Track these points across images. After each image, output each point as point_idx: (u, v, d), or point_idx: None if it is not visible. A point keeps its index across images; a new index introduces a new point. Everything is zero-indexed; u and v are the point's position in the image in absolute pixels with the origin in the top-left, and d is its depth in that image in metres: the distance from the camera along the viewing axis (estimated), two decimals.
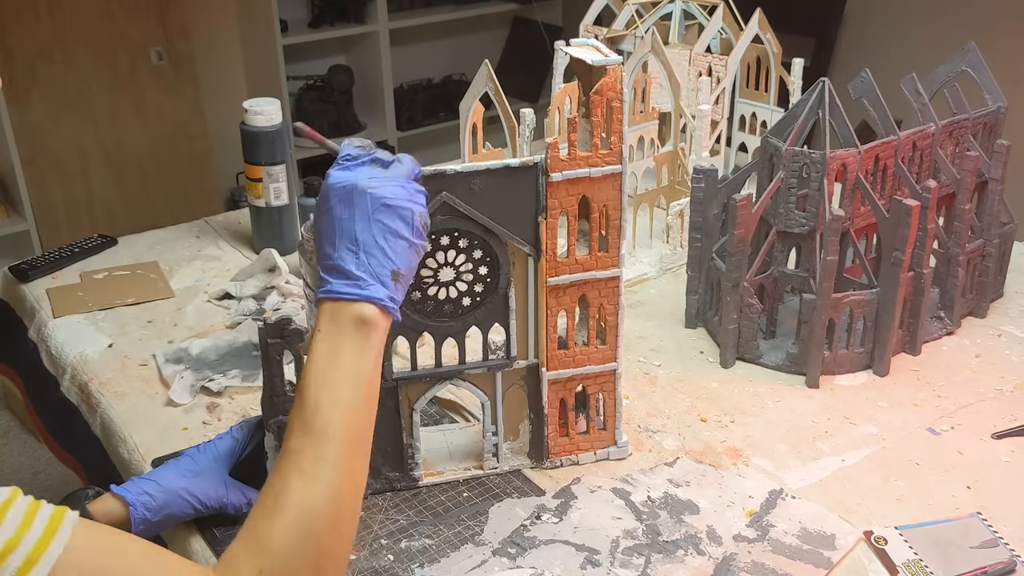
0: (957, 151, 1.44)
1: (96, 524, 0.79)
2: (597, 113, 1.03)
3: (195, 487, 1.02)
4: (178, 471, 1.04)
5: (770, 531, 1.05)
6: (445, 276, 1.06)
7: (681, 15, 1.94)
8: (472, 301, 1.08)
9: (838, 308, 1.30)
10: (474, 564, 1.01)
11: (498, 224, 1.04)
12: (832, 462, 1.17)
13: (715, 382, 1.34)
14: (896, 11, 3.24)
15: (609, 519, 1.07)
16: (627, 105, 1.04)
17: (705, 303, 1.46)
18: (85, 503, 0.99)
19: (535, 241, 1.06)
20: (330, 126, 3.72)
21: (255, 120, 1.63)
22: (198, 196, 3.41)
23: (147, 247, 1.78)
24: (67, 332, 1.49)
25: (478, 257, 1.06)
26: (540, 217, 1.05)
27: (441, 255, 1.05)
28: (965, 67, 1.46)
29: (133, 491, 1.00)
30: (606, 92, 1.02)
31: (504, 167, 1.03)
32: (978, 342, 1.43)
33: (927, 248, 1.32)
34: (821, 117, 1.31)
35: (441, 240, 1.04)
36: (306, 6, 3.73)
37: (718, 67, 1.77)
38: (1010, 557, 1.00)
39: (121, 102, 3.19)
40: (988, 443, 1.20)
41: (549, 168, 1.03)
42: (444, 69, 4.13)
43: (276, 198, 1.67)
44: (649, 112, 1.76)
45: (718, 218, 1.42)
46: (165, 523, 1.02)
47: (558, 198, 1.05)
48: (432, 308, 1.07)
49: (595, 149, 1.04)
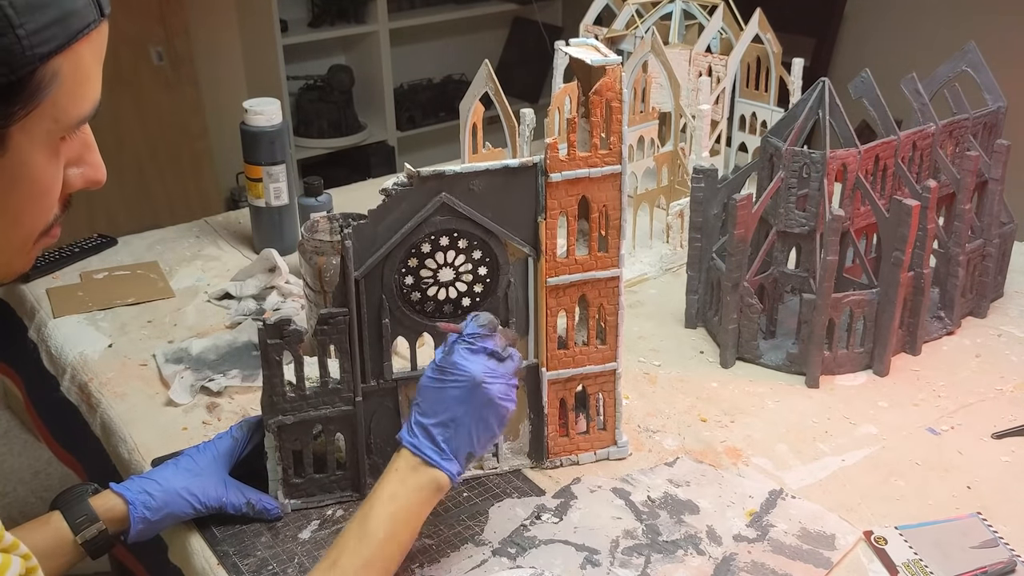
0: (957, 151, 1.44)
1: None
2: (596, 113, 1.03)
3: (195, 486, 1.03)
4: (178, 470, 1.04)
5: (770, 531, 1.05)
6: (444, 276, 1.06)
7: (681, 15, 1.94)
8: (472, 301, 1.08)
9: (838, 308, 1.29)
10: (474, 564, 1.01)
11: (497, 225, 1.05)
12: (832, 462, 1.17)
13: (715, 382, 1.34)
14: (896, 11, 3.24)
15: (609, 519, 1.07)
16: (627, 105, 1.04)
17: (705, 303, 1.46)
18: (87, 498, 0.99)
19: (535, 241, 1.06)
20: (330, 126, 3.72)
21: (255, 120, 1.63)
22: (198, 196, 3.41)
23: (147, 247, 1.78)
24: (67, 332, 1.49)
25: (477, 258, 1.06)
26: (540, 217, 1.05)
27: (440, 255, 1.05)
28: (965, 67, 1.46)
29: (133, 490, 1.01)
30: (605, 92, 1.02)
31: (503, 168, 1.03)
32: (978, 342, 1.43)
33: (927, 248, 1.32)
34: (821, 117, 1.31)
35: (440, 241, 1.04)
36: (306, 6, 3.73)
37: (718, 67, 1.77)
38: (1010, 557, 1.00)
39: (121, 102, 3.18)
40: (988, 443, 1.20)
41: (548, 168, 1.03)
42: (444, 69, 4.13)
43: (276, 198, 1.67)
44: (649, 112, 1.75)
45: (718, 218, 1.42)
46: (164, 522, 1.03)
47: (557, 198, 1.05)
48: (432, 308, 1.07)
49: (594, 149, 1.04)
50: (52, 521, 0.98)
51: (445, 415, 0.95)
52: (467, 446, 0.96)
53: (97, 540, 0.98)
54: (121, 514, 1.00)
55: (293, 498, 1.09)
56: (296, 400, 1.06)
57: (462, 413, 0.95)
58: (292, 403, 1.06)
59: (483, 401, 0.96)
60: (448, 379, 0.96)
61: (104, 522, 0.99)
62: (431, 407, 0.96)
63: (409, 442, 0.95)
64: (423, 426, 0.95)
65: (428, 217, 1.02)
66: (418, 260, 1.04)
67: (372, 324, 1.06)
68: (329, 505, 1.10)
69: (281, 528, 1.06)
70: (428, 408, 0.96)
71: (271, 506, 1.07)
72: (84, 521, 0.98)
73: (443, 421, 0.95)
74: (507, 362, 0.99)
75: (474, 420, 0.96)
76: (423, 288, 1.06)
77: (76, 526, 0.97)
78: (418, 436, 0.95)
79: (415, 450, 0.95)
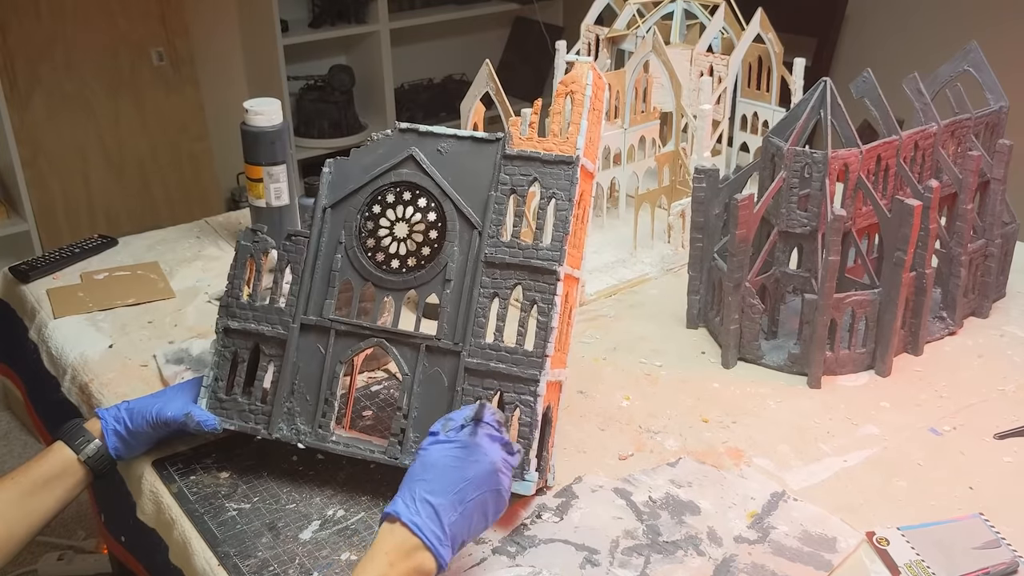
0: (959, 151, 1.44)
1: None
2: (558, 102, 1.08)
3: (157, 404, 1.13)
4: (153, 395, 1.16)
5: (771, 533, 1.04)
6: (399, 232, 1.10)
7: (682, 15, 1.94)
8: (416, 263, 1.10)
9: (840, 308, 1.29)
10: (474, 562, 1.00)
11: (454, 190, 1.09)
12: (834, 463, 1.16)
13: (717, 383, 1.34)
14: (898, 11, 3.24)
15: (610, 519, 1.07)
16: (628, 107, 1.05)
17: (707, 303, 1.46)
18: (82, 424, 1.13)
19: (483, 214, 1.08)
20: (331, 126, 3.72)
21: (255, 120, 1.63)
22: (198, 196, 3.41)
23: (147, 247, 1.77)
24: (67, 333, 1.48)
25: (432, 220, 1.09)
26: (491, 191, 1.08)
27: (400, 209, 1.10)
28: (967, 67, 1.46)
29: (111, 410, 1.14)
30: (569, 83, 1.08)
31: (470, 136, 1.11)
32: (980, 342, 1.42)
33: (929, 248, 1.32)
34: (823, 117, 1.31)
35: (404, 195, 1.10)
36: (306, 6, 3.73)
37: (719, 67, 1.77)
38: (1012, 558, 1.00)
39: (122, 102, 3.18)
40: (990, 443, 1.20)
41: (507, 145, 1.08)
42: (445, 69, 4.13)
43: (277, 198, 1.67)
44: (650, 112, 1.75)
45: (719, 218, 1.42)
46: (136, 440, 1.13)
47: (510, 175, 1.08)
48: (382, 259, 1.10)
49: (552, 136, 1.07)
50: (55, 448, 1.11)
51: (456, 496, 0.90)
52: (464, 535, 0.91)
53: (97, 456, 1.11)
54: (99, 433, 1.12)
55: (214, 411, 1.13)
56: (246, 308, 1.14)
57: (473, 497, 0.91)
58: (242, 309, 1.14)
59: (493, 488, 0.93)
60: (470, 459, 0.92)
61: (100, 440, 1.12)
62: (443, 485, 0.90)
63: (410, 520, 0.88)
64: (430, 504, 0.89)
65: (396, 166, 1.11)
66: (381, 208, 1.11)
67: (326, 257, 1.12)
68: (330, 506, 1.10)
69: (282, 529, 1.06)
70: (439, 486, 0.90)
71: (206, 419, 1.12)
72: (82, 442, 1.11)
73: (453, 502, 0.90)
74: (516, 456, 0.97)
75: (479, 508, 0.92)
76: (379, 236, 1.10)
77: (76, 447, 1.10)
78: (421, 515, 0.88)
79: (416, 530, 0.88)
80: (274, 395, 1.11)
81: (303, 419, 1.10)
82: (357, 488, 1.12)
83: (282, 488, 1.12)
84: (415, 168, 1.10)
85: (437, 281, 1.08)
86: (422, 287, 1.09)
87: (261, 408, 1.11)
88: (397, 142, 1.12)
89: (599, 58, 1.91)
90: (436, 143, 1.11)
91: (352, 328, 1.10)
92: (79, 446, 1.10)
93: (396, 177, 1.11)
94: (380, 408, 1.26)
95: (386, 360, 1.34)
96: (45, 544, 2.23)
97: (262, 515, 1.08)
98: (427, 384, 1.07)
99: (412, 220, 1.10)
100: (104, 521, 1.36)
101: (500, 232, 1.07)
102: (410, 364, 1.08)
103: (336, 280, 1.11)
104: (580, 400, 1.29)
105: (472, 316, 1.06)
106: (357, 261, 1.11)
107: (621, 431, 1.23)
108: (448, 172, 1.10)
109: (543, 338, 1.04)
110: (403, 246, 1.10)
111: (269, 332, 1.12)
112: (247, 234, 1.15)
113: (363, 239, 1.11)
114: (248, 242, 1.15)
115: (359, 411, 1.25)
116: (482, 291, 1.07)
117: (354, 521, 1.07)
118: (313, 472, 1.14)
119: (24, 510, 1.06)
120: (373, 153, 1.13)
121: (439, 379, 1.07)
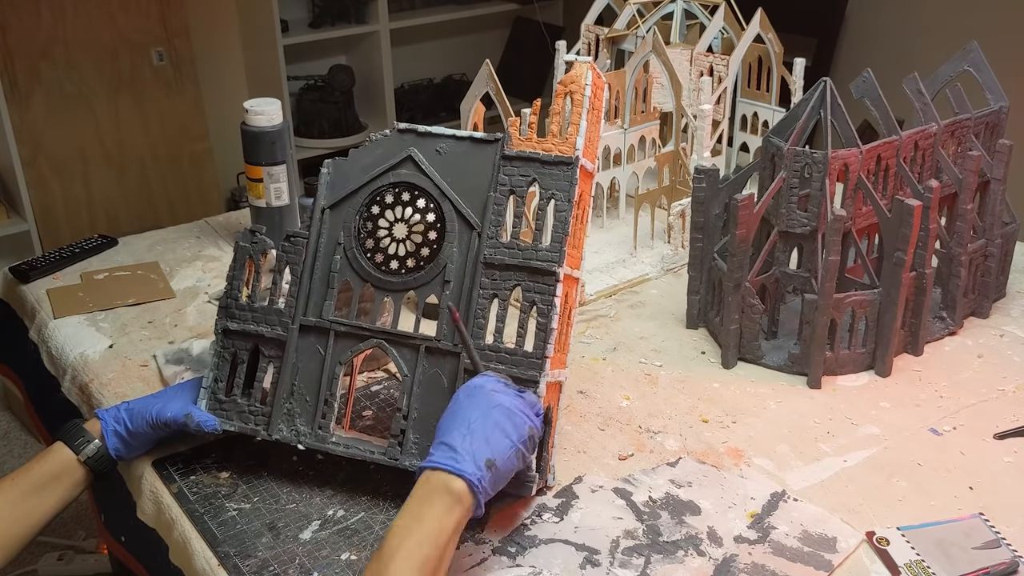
0: (959, 151, 1.44)
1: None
2: (557, 102, 1.07)
3: (157, 405, 1.12)
4: (154, 395, 1.16)
5: (771, 533, 1.04)
6: (398, 232, 1.10)
7: (682, 15, 1.94)
8: (415, 263, 1.10)
9: (840, 308, 1.29)
10: (474, 562, 1.00)
11: (453, 191, 1.09)
12: (834, 463, 1.16)
13: (717, 383, 1.34)
14: (898, 11, 3.23)
15: (610, 519, 1.07)
16: (628, 107, 1.05)
17: (707, 303, 1.46)
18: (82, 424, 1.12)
19: (482, 215, 1.08)
20: (331, 126, 3.72)
21: (256, 120, 1.63)
22: (198, 196, 3.41)
23: (147, 247, 1.77)
24: (67, 333, 1.48)
25: (431, 220, 1.09)
26: (490, 192, 1.07)
27: (400, 210, 1.10)
28: (967, 67, 1.46)
29: (111, 411, 1.13)
30: (568, 84, 1.07)
31: (469, 137, 1.10)
32: (980, 342, 1.42)
33: (929, 248, 1.32)
34: (823, 117, 1.31)
35: (403, 195, 1.10)
36: (306, 6, 3.73)
37: (719, 67, 1.77)
38: (1012, 558, 1.00)
39: (122, 102, 3.18)
40: (990, 443, 1.20)
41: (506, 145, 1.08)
42: (445, 69, 4.13)
43: (277, 198, 1.67)
44: (650, 112, 1.75)
45: (719, 218, 1.42)
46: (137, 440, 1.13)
47: (509, 175, 1.07)
48: (381, 260, 1.10)
49: (551, 136, 1.07)
50: (55, 449, 1.11)
51: (461, 426, 0.94)
52: (484, 451, 0.93)
53: (97, 456, 1.11)
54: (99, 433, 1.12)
55: (214, 412, 1.12)
56: (245, 310, 1.13)
57: (476, 418, 0.95)
58: (241, 310, 1.13)
59: (493, 403, 0.96)
60: (460, 396, 0.98)
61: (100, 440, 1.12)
62: (446, 423, 0.96)
63: (427, 462, 0.93)
64: (440, 443, 0.94)
65: (395, 166, 1.11)
66: (379, 208, 1.11)
67: (325, 258, 1.12)
68: (330, 507, 1.10)
69: (282, 529, 1.06)
70: (444, 429, 0.95)
71: (205, 420, 1.11)
72: (82, 442, 1.10)
73: (461, 433, 0.94)
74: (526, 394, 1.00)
75: (489, 425, 0.94)
76: (378, 237, 1.10)
77: (76, 447, 1.10)
78: (435, 454, 0.93)
79: (428, 464, 0.92)
80: (274, 396, 1.11)
81: (303, 420, 1.10)
82: (357, 488, 1.12)
83: (282, 488, 1.12)
84: (414, 169, 1.10)
85: (436, 282, 1.08)
86: (421, 288, 1.09)
87: (261, 409, 1.11)
88: (396, 142, 1.12)
89: (599, 58, 1.91)
90: (435, 143, 1.11)
91: (351, 329, 1.10)
92: (79, 446, 1.10)
93: (395, 178, 1.11)
94: (380, 408, 1.26)
95: (386, 360, 1.34)
96: (45, 544, 2.23)
97: (262, 515, 1.08)
98: (427, 385, 1.07)
99: (411, 221, 1.10)
100: (104, 521, 1.36)
101: (499, 233, 1.07)
102: (410, 365, 1.08)
103: (335, 281, 1.11)
104: (580, 400, 1.29)
105: (472, 317, 1.06)
106: (356, 262, 1.11)
107: (621, 431, 1.23)
108: (447, 173, 1.10)
109: (543, 339, 1.04)
110: (402, 247, 1.10)
111: (268, 333, 1.12)
112: (245, 235, 1.15)
113: (362, 240, 1.11)
114: (247, 243, 1.15)
115: (359, 411, 1.25)
116: (481, 292, 1.07)
117: (354, 521, 1.07)
118: (313, 472, 1.14)
119: (24, 510, 1.06)
120: (372, 154, 1.13)
121: (439, 380, 1.07)
